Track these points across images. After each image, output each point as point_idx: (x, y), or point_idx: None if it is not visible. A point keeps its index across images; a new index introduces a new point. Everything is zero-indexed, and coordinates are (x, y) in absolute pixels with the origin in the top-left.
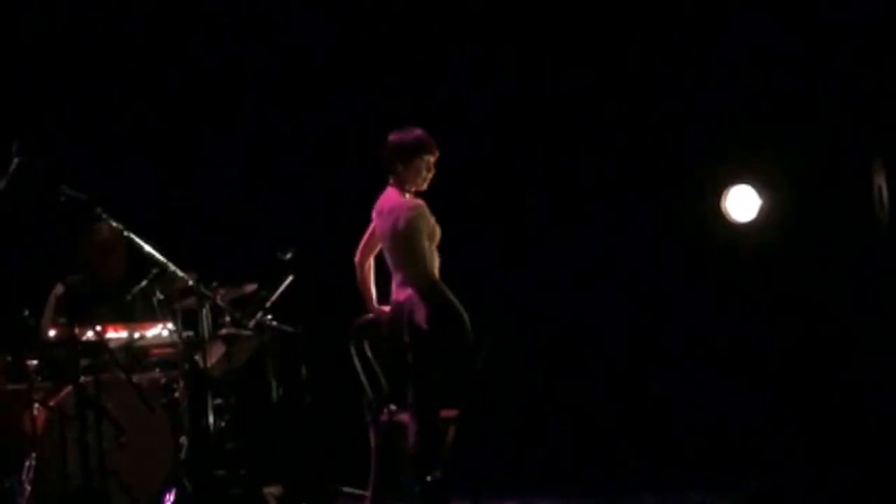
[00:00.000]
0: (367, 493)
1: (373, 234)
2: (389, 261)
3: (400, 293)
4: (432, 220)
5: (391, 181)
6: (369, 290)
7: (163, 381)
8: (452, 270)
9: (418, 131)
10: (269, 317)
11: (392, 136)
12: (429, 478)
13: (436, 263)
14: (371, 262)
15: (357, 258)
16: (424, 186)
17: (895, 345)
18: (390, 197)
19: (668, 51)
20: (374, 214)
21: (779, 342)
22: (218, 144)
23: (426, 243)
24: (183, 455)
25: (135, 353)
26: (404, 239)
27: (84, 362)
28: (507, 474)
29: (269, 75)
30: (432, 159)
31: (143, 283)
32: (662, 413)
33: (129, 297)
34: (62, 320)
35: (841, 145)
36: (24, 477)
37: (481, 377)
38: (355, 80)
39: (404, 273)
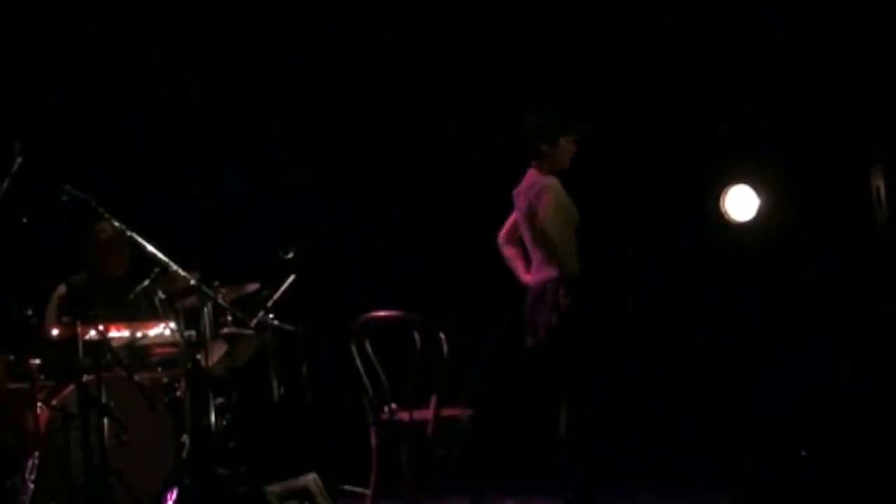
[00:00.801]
0: (368, 492)
1: (516, 218)
2: (527, 240)
3: (540, 272)
4: (566, 198)
5: (534, 163)
6: (519, 262)
7: (165, 380)
8: (453, 271)
9: (558, 112)
10: (271, 316)
11: (533, 118)
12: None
13: (573, 246)
14: (514, 242)
15: (501, 238)
16: (567, 164)
17: (894, 344)
18: (529, 176)
19: (668, 52)
20: (515, 197)
21: (777, 341)
22: (219, 144)
23: (559, 220)
24: (185, 454)
25: (137, 353)
26: (539, 215)
27: (86, 361)
28: (506, 474)
29: (271, 75)
30: (576, 137)
31: (146, 282)
32: (660, 411)
33: (131, 297)
34: (65, 319)
35: (840, 145)
36: (26, 475)
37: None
38: (356, 81)
39: (541, 252)
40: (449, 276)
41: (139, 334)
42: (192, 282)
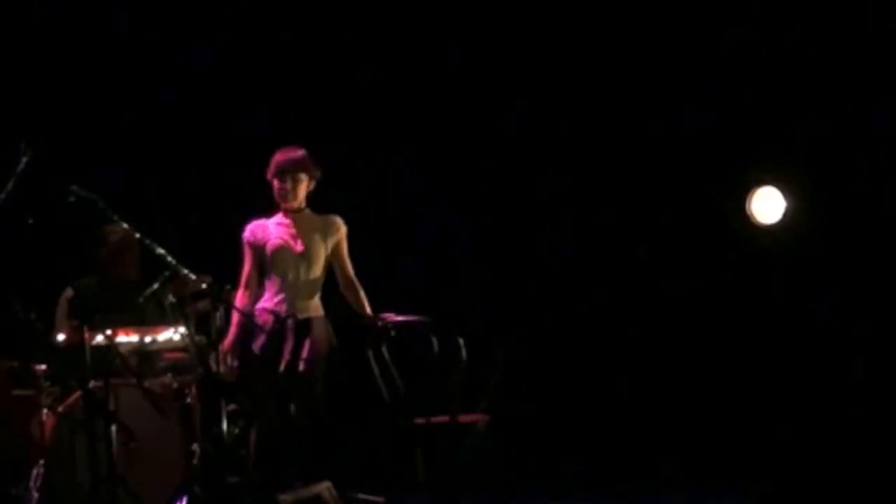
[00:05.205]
0: (381, 500)
1: None
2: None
3: None
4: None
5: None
6: None
7: (175, 386)
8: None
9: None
10: None
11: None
12: None
13: None
14: None
15: None
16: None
17: None
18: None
19: (693, 52)
20: None
21: (803, 344)
22: (228, 145)
23: None
24: (195, 462)
25: (146, 358)
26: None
27: (94, 367)
28: (507, 474)
29: (271, 75)
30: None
31: (155, 285)
32: (674, 414)
33: (140, 300)
34: (72, 324)
35: (866, 147)
36: (31, 484)
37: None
38: (357, 79)
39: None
40: (465, 281)
41: (148, 339)
42: (204, 285)
